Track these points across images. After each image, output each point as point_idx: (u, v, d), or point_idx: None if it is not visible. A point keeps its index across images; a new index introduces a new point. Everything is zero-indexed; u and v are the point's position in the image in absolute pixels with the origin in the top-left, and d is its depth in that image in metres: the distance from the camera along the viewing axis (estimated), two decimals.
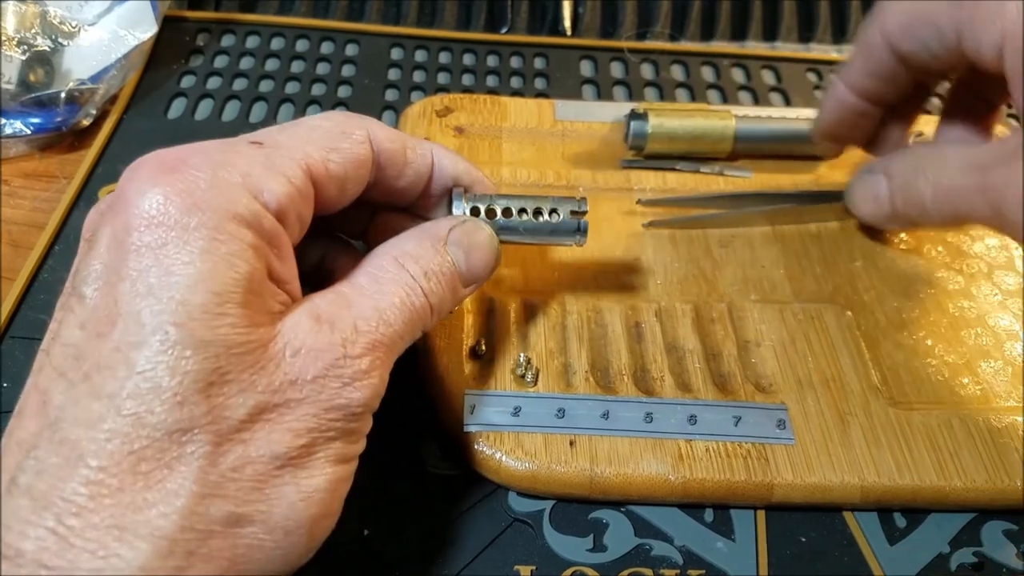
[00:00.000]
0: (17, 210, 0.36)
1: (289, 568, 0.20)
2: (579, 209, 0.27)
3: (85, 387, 0.18)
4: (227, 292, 0.18)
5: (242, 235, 0.19)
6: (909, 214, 0.29)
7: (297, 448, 0.19)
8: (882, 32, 0.28)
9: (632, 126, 0.36)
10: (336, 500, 0.21)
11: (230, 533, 0.18)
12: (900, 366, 0.30)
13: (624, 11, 0.48)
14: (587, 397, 0.28)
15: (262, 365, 0.19)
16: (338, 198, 0.23)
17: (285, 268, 0.21)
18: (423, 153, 0.25)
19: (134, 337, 0.18)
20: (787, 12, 0.49)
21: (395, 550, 0.26)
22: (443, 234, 0.24)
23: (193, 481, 0.17)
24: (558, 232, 0.27)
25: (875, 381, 0.29)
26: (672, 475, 0.26)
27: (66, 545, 0.16)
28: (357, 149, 0.23)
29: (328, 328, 0.20)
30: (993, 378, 0.30)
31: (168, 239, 0.18)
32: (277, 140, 0.22)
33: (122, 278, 0.18)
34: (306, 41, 0.46)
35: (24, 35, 0.39)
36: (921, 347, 0.31)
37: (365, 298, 0.21)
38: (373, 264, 0.23)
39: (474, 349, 0.29)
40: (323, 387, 0.19)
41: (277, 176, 0.20)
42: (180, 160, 0.19)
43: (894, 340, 0.31)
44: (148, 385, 0.17)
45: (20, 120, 0.37)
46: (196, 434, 0.18)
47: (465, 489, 0.27)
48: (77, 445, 0.17)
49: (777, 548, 0.27)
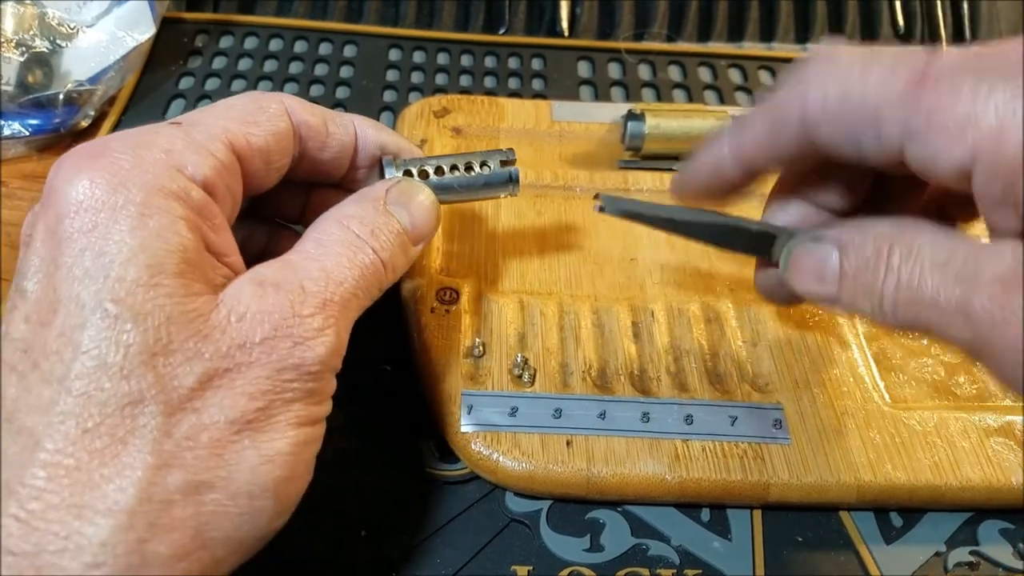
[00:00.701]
0: (16, 211, 0.36)
1: (260, 532, 0.20)
2: (508, 159, 0.27)
3: (35, 376, 0.18)
4: (160, 264, 0.19)
5: (170, 207, 0.19)
6: (858, 306, 0.21)
7: (253, 411, 0.19)
8: (801, 109, 0.21)
9: (629, 127, 0.36)
10: (302, 463, 0.21)
11: (191, 501, 0.18)
12: (896, 365, 0.30)
13: (621, 12, 0.48)
14: (584, 397, 0.28)
15: (206, 333, 0.19)
16: (265, 172, 0.23)
17: (222, 240, 0.21)
18: (344, 123, 0.26)
19: (76, 319, 0.18)
20: (784, 13, 0.49)
21: (392, 550, 0.26)
22: (381, 194, 0.24)
23: (148, 453, 0.18)
24: (491, 184, 0.27)
25: (871, 380, 0.30)
26: (669, 475, 0.26)
27: (29, 529, 0.17)
28: (275, 122, 0.23)
29: (273, 291, 0.20)
30: (989, 377, 0.30)
31: (98, 221, 0.19)
32: (195, 119, 0.22)
33: (59, 267, 0.19)
34: (304, 42, 0.46)
35: (22, 36, 0.40)
36: (917, 346, 0.31)
37: (311, 260, 0.22)
38: (318, 230, 0.23)
39: (471, 349, 0.29)
40: (273, 348, 0.19)
41: (199, 150, 0.21)
42: (102, 146, 0.20)
43: (890, 339, 0.31)
44: (94, 363, 0.18)
45: (18, 121, 0.38)
46: (146, 406, 0.18)
47: (462, 489, 0.27)
48: (33, 432, 0.17)
49: (773, 548, 0.27)
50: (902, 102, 0.19)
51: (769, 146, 0.23)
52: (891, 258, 0.20)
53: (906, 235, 0.20)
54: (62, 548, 0.17)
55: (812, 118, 0.21)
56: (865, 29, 0.50)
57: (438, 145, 0.37)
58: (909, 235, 0.20)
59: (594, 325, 0.31)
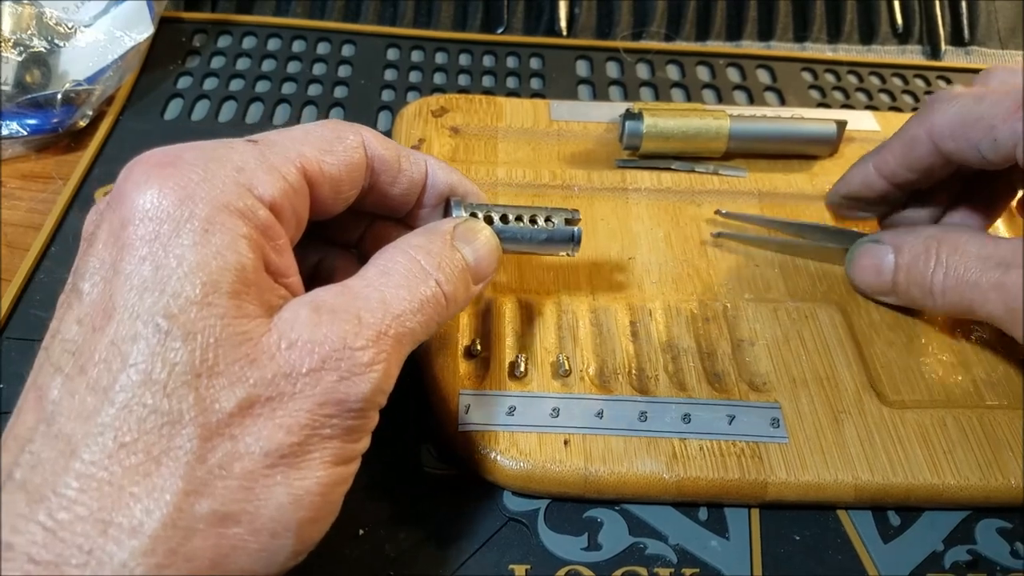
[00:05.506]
0: (14, 211, 0.36)
1: (275, 570, 0.19)
2: (573, 218, 0.27)
3: (81, 381, 0.18)
4: (215, 282, 0.18)
5: (234, 225, 0.19)
6: (912, 295, 0.29)
7: (289, 445, 0.19)
8: (930, 130, 0.29)
9: (627, 126, 0.36)
10: (329, 504, 0.20)
11: (214, 532, 0.18)
12: (894, 364, 0.30)
13: (620, 11, 0.48)
14: (582, 396, 0.28)
15: (253, 358, 0.18)
16: (333, 200, 0.23)
17: (283, 262, 0.21)
18: (417, 162, 0.26)
19: (128, 330, 0.18)
20: (782, 12, 0.49)
21: (390, 550, 0.26)
22: (449, 228, 0.24)
23: (180, 477, 0.17)
24: (553, 240, 0.27)
25: (869, 379, 0.30)
26: (666, 474, 0.26)
27: (54, 539, 0.16)
28: (351, 153, 0.23)
29: (328, 318, 0.20)
30: (987, 376, 0.30)
31: (161, 232, 0.19)
32: (272, 140, 0.22)
33: (118, 272, 0.18)
34: (303, 42, 0.46)
35: (20, 36, 0.40)
36: (915, 345, 0.31)
37: (372, 289, 0.21)
38: (384, 257, 0.22)
39: (469, 349, 0.29)
40: (318, 380, 0.19)
41: (271, 171, 0.21)
42: (175, 156, 0.20)
43: (888, 338, 0.31)
44: (139, 378, 0.17)
45: (16, 121, 0.38)
46: (184, 427, 0.18)
47: (460, 488, 0.27)
48: (71, 439, 0.17)
49: (771, 547, 0.27)
50: (1012, 118, 0.26)
51: (905, 163, 0.30)
52: (940, 253, 0.27)
53: (951, 235, 0.27)
54: (83, 563, 0.16)
55: (940, 136, 0.28)
56: (864, 29, 0.50)
57: (436, 144, 0.37)
58: (954, 235, 0.27)
59: (592, 324, 0.31)
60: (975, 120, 0.28)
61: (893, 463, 0.27)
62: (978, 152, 0.28)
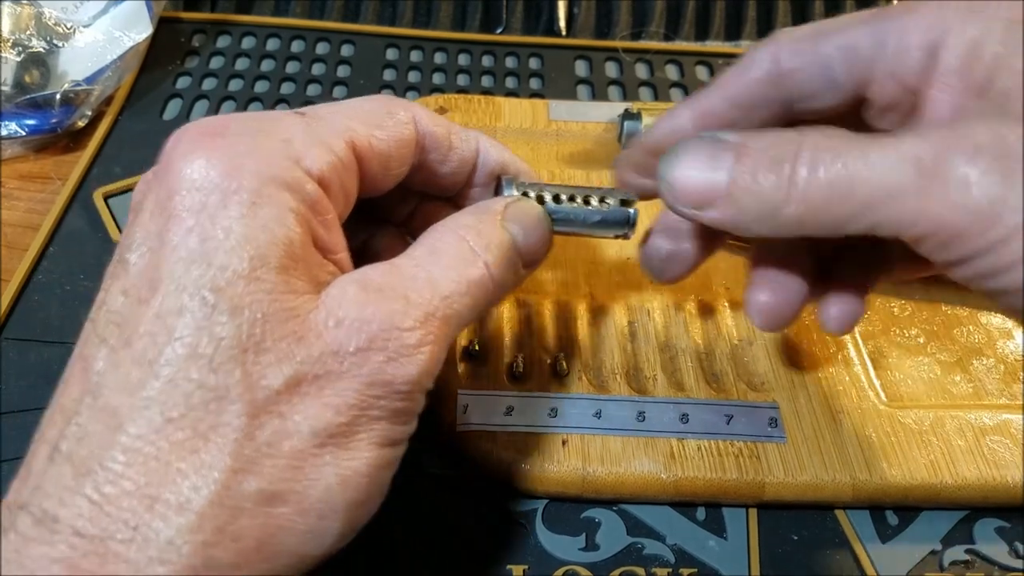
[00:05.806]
0: (12, 212, 0.36)
1: (322, 552, 0.19)
2: (628, 199, 0.26)
3: (126, 353, 0.17)
4: (263, 256, 0.18)
5: (282, 199, 0.19)
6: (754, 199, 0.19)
7: (338, 425, 0.18)
8: (772, 51, 0.22)
9: (626, 126, 0.36)
10: (376, 486, 0.19)
11: (261, 512, 0.17)
12: (892, 364, 0.30)
13: (619, 11, 0.48)
14: (580, 396, 0.28)
15: (300, 335, 0.18)
16: (383, 177, 0.23)
17: (332, 238, 0.20)
18: (468, 140, 0.25)
19: (174, 303, 0.17)
20: (781, 11, 0.49)
21: (388, 550, 0.26)
22: (500, 208, 0.23)
23: (228, 454, 0.17)
24: (607, 221, 0.26)
25: (867, 379, 0.30)
26: (664, 474, 0.26)
27: (100, 513, 0.16)
28: (401, 128, 0.23)
29: (376, 298, 0.19)
30: (985, 376, 0.30)
31: (208, 203, 0.18)
32: (321, 113, 0.21)
33: (164, 243, 0.18)
34: (302, 42, 0.46)
35: (19, 36, 0.40)
36: (913, 345, 0.31)
37: (421, 269, 0.20)
38: (432, 236, 0.22)
39: (468, 349, 0.29)
40: (365, 360, 0.18)
41: (319, 144, 0.20)
42: (222, 126, 0.19)
43: (886, 338, 0.31)
44: (185, 352, 0.17)
45: (15, 122, 0.38)
46: (231, 403, 0.17)
47: (458, 488, 0.27)
48: (117, 412, 0.17)
49: (769, 546, 0.27)
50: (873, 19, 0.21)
51: (732, 86, 0.23)
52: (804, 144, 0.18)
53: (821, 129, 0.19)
54: (129, 538, 0.16)
55: (783, 55, 0.22)
56: None
57: None
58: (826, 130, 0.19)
59: (590, 325, 0.31)
60: (831, 27, 0.21)
61: (891, 463, 0.27)
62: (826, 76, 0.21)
